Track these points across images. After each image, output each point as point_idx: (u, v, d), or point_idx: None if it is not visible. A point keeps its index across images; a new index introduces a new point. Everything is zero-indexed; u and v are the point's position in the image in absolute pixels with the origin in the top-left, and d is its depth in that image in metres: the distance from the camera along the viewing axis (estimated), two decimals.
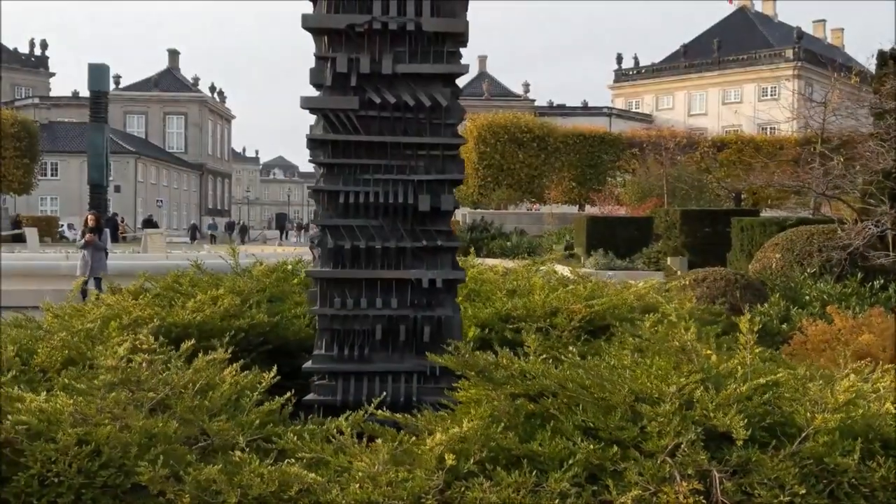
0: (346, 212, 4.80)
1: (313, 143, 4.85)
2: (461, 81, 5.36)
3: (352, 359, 4.77)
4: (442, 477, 2.73)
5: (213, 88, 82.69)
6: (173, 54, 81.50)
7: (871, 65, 19.44)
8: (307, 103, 4.80)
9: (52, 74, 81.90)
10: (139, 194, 63.14)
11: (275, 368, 3.74)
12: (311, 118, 4.91)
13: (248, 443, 3.22)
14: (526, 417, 3.19)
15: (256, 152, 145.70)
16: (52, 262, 18.59)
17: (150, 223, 41.37)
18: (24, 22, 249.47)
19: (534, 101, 73.02)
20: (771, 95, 70.48)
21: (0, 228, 40.16)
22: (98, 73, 36.37)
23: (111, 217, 34.83)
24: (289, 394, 3.68)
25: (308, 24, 4.75)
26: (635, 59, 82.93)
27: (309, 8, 4.81)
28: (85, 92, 70.38)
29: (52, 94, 77.46)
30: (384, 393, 4.74)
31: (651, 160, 36.28)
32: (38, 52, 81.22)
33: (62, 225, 47.33)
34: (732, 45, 74.06)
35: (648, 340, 3.68)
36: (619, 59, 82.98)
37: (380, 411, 3.34)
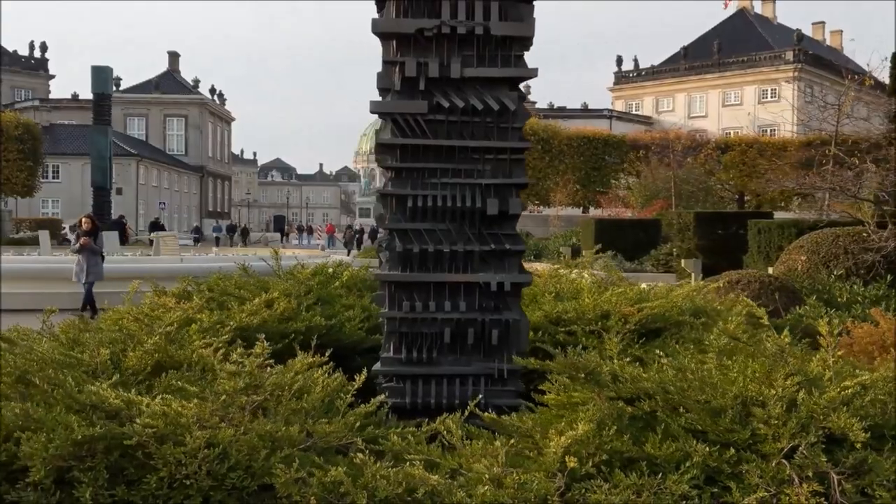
0: (414, 215, 4.83)
1: (382, 147, 4.88)
2: None
3: (420, 362, 4.79)
4: (563, 479, 2.76)
5: (213, 91, 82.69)
6: (173, 56, 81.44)
7: (882, 68, 19.59)
8: (376, 108, 4.83)
9: (52, 77, 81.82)
10: (141, 197, 63.10)
11: (364, 371, 3.76)
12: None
13: (349, 445, 3.24)
14: (629, 420, 3.22)
15: (254, 154, 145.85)
16: (66, 265, 18.55)
17: (157, 226, 41.28)
18: (24, 24, 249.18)
19: (535, 103, 73.10)
20: (771, 97, 70.73)
21: (2, 231, 40.09)
22: (101, 75, 36.39)
23: (118, 219, 34.77)
24: (382, 396, 3.70)
25: (378, 28, 4.77)
26: (635, 61, 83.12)
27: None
28: (84, 94, 70.39)
29: (51, 96, 77.36)
30: (453, 395, 4.78)
31: (655, 162, 36.39)
32: (37, 54, 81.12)
33: (65, 227, 47.25)
34: (732, 46, 74.25)
35: (745, 344, 3.71)
36: (619, 61, 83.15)
37: (486, 413, 3.35)
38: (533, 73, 4.86)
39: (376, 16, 4.85)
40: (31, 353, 3.36)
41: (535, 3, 4.93)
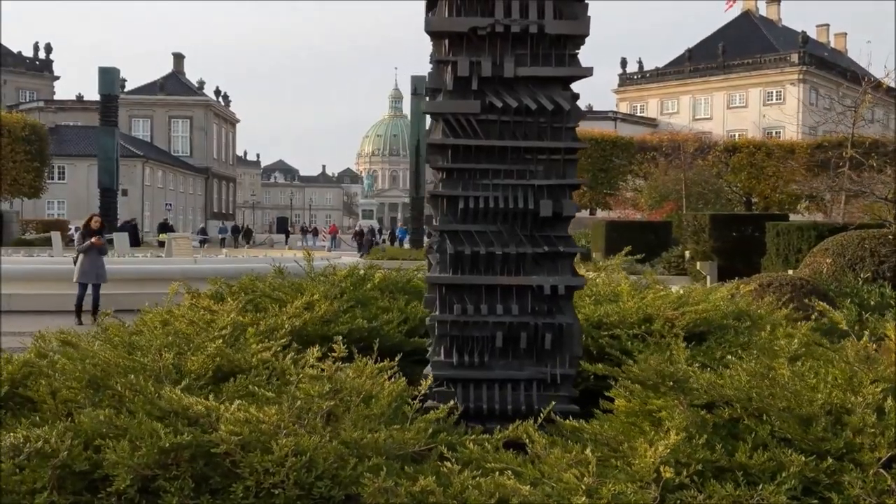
0: (465, 217, 4.74)
1: (433, 148, 4.80)
2: None
3: (472, 365, 4.70)
4: (657, 490, 2.67)
5: (217, 92, 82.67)
6: (178, 58, 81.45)
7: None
8: (428, 108, 4.76)
9: (57, 78, 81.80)
10: (146, 198, 63.05)
11: (430, 377, 3.67)
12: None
13: (422, 452, 3.16)
14: (712, 428, 3.13)
15: (258, 156, 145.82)
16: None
17: (166, 227, 41.20)
18: (28, 25, 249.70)
19: None
20: (776, 100, 70.62)
21: (10, 232, 40.04)
22: (108, 76, 36.31)
23: (129, 221, 34.73)
24: (452, 401, 3.61)
25: (431, 27, 4.69)
26: (640, 63, 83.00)
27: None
28: (88, 95, 70.32)
29: (56, 97, 77.34)
30: (505, 401, 4.70)
31: (663, 163, 36.30)
32: (42, 55, 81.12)
33: (71, 228, 47.19)
34: (737, 49, 74.13)
35: (826, 349, 3.62)
36: (624, 63, 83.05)
37: (567, 421, 3.26)
38: (588, 73, 4.78)
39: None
40: (95, 358, 3.29)
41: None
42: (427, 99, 4.88)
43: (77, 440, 2.65)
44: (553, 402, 3.84)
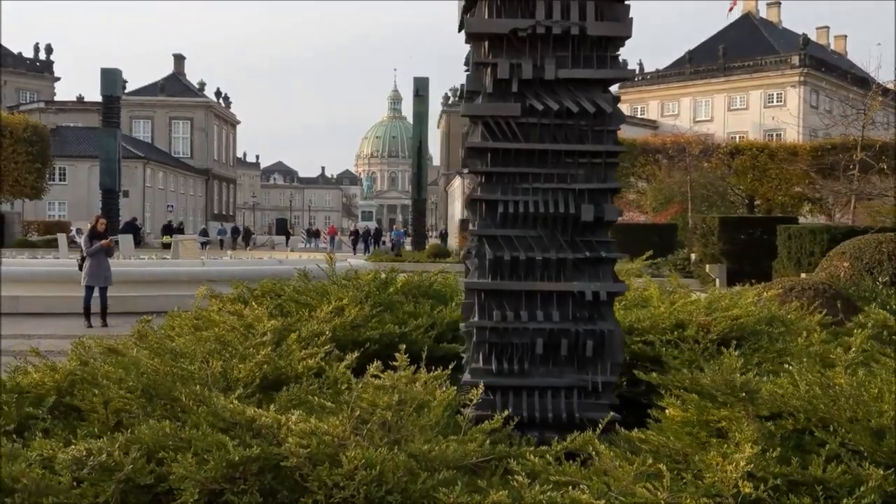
0: (505, 222, 4.67)
1: (471, 152, 4.72)
2: None
3: (511, 373, 4.62)
4: None
5: (218, 93, 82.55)
6: (179, 59, 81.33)
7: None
8: (467, 111, 4.68)
9: (58, 79, 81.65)
10: (147, 199, 62.93)
11: (481, 385, 3.60)
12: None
13: (480, 463, 3.09)
14: (780, 440, 3.06)
15: (257, 157, 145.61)
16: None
17: (169, 229, 41.13)
18: (28, 25, 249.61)
19: None
20: (777, 102, 70.61)
21: (13, 234, 39.93)
22: (110, 77, 36.37)
23: (131, 221, 34.66)
24: (507, 411, 3.54)
25: (470, 29, 4.62)
26: (640, 64, 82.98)
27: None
28: (89, 96, 70.27)
29: (56, 98, 77.21)
30: (545, 408, 4.62)
31: (666, 165, 36.24)
32: (42, 56, 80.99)
33: (72, 230, 47.08)
34: (738, 51, 74.13)
35: (890, 358, 3.55)
36: (624, 64, 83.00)
37: (633, 432, 3.19)
38: (630, 75, 4.78)
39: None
40: (143, 366, 3.21)
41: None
42: (465, 102, 4.80)
43: (139, 453, 2.57)
44: (611, 413, 3.76)
